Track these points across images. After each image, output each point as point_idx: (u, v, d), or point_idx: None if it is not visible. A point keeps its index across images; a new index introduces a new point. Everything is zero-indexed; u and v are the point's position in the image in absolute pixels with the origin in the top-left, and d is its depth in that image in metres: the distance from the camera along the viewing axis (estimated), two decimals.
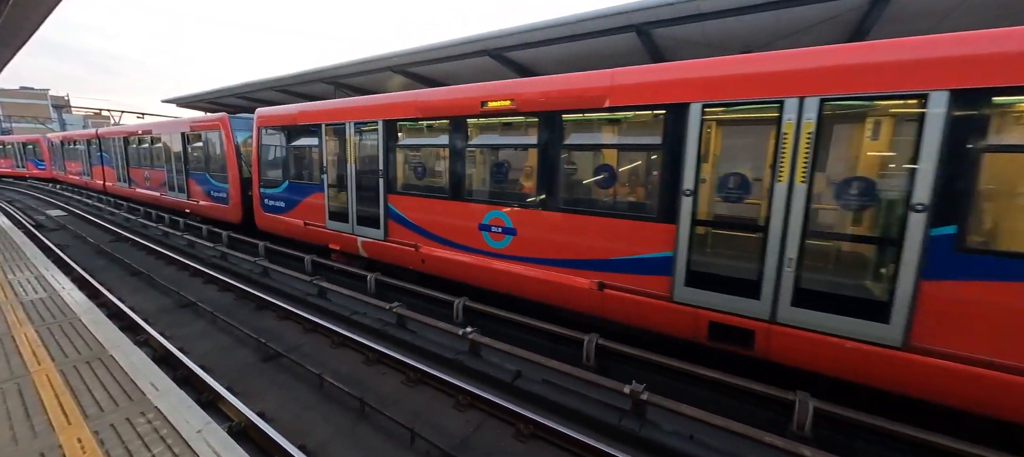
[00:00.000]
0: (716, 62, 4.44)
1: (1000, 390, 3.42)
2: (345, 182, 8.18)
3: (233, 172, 11.16)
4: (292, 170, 9.51)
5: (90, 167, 21.23)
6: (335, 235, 8.55)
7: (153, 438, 2.97)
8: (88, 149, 21.14)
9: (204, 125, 12.06)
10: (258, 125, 9.88)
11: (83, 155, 21.88)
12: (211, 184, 12.08)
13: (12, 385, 3.60)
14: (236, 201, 11.38)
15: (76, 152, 23.11)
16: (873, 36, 6.90)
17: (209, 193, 12.27)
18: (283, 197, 9.62)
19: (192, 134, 12.63)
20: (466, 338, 5.59)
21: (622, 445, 4.06)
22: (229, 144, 11.07)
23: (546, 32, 7.94)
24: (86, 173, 21.95)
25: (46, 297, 5.72)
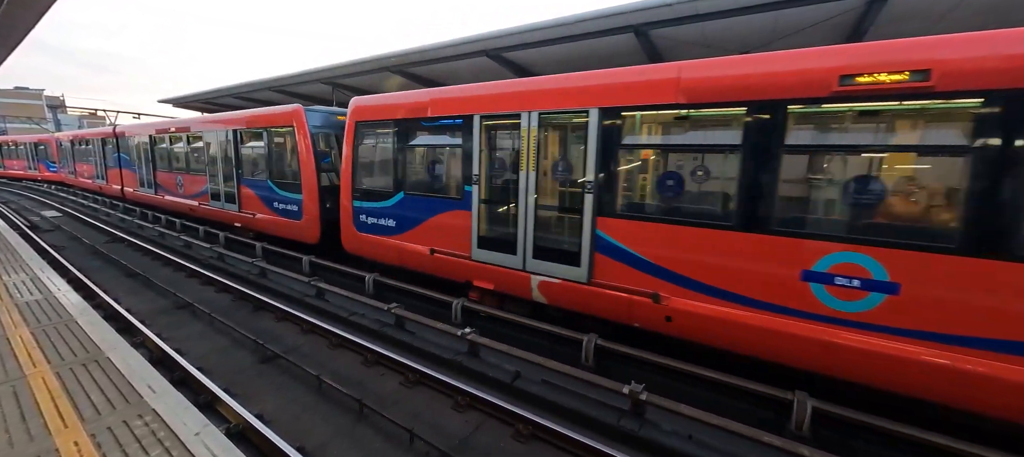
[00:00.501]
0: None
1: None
2: (514, 197, 5.99)
3: (309, 179, 8.91)
4: (410, 178, 7.37)
5: (105, 170, 18.79)
6: (489, 270, 6.27)
7: (150, 441, 2.95)
8: (103, 149, 18.62)
9: (268, 119, 9.81)
10: (355, 120, 7.74)
11: (97, 156, 19.38)
12: (275, 193, 9.83)
13: (8, 388, 3.57)
14: (313, 216, 9.07)
15: (88, 153, 20.54)
16: (870, 37, 6.93)
17: (271, 205, 10.03)
18: (393, 213, 7.39)
19: (248, 131, 10.42)
20: (465, 339, 5.58)
21: (621, 445, 4.07)
22: (305, 143, 8.89)
23: (544, 33, 7.95)
24: (100, 176, 19.49)
25: (42, 299, 5.68)
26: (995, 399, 3.49)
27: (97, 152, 19.22)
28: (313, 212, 9.07)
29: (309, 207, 9.12)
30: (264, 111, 9.94)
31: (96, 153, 19.32)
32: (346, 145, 7.89)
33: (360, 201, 7.93)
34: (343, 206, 8.16)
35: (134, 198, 16.91)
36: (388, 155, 7.49)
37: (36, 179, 29.04)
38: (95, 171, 19.82)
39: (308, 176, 8.96)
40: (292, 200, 9.42)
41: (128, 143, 16.28)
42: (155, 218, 14.82)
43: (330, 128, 9.49)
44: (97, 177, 19.80)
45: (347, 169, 7.94)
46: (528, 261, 5.93)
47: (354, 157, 7.87)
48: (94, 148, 19.44)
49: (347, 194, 8.03)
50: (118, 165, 17.38)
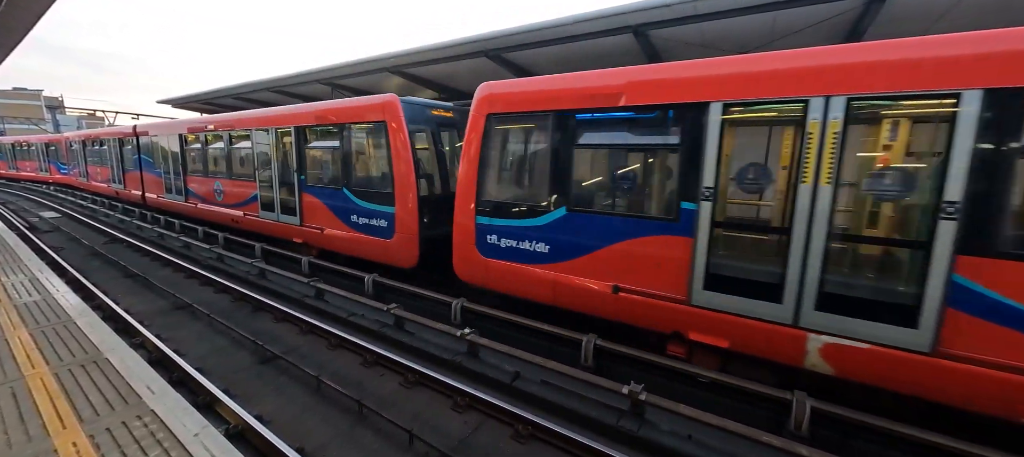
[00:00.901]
0: None
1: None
2: (781, 219, 4.74)
3: (406, 188, 7.21)
4: (580, 190, 5.66)
5: (122, 173, 16.92)
6: (723, 320, 4.57)
7: (149, 442, 2.95)
8: (120, 151, 16.66)
9: (349, 113, 8.04)
10: (486, 111, 6.04)
11: (113, 158, 17.41)
12: (353, 205, 8.13)
13: (6, 389, 3.57)
14: (409, 233, 7.36)
15: (103, 154, 18.48)
16: (869, 37, 6.94)
17: (347, 218, 8.32)
18: (547, 236, 5.67)
19: (317, 128, 8.73)
20: (464, 339, 5.58)
21: (620, 445, 4.07)
22: (401, 143, 7.16)
23: (544, 33, 7.94)
24: (116, 180, 17.59)
25: (40, 299, 5.68)
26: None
27: (113, 153, 17.29)
28: (410, 229, 7.33)
29: (405, 223, 7.37)
30: (344, 104, 8.16)
31: (112, 154, 17.42)
32: (469, 145, 6.16)
33: (489, 218, 6.16)
34: (459, 224, 6.43)
35: (158, 206, 14.93)
36: (542, 158, 5.76)
37: (47, 182, 27.37)
38: (111, 174, 17.98)
39: (405, 184, 7.22)
40: (379, 213, 7.70)
41: (151, 143, 14.43)
42: (153, 219, 14.79)
43: (424, 123, 7.85)
44: (113, 181, 17.96)
45: (470, 176, 6.16)
46: (804, 313, 4.13)
47: (482, 160, 6.09)
48: (110, 149, 17.59)
49: (467, 208, 6.25)
50: (138, 168, 15.51)
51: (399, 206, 7.37)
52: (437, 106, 8.20)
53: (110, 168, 17.89)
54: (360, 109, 7.85)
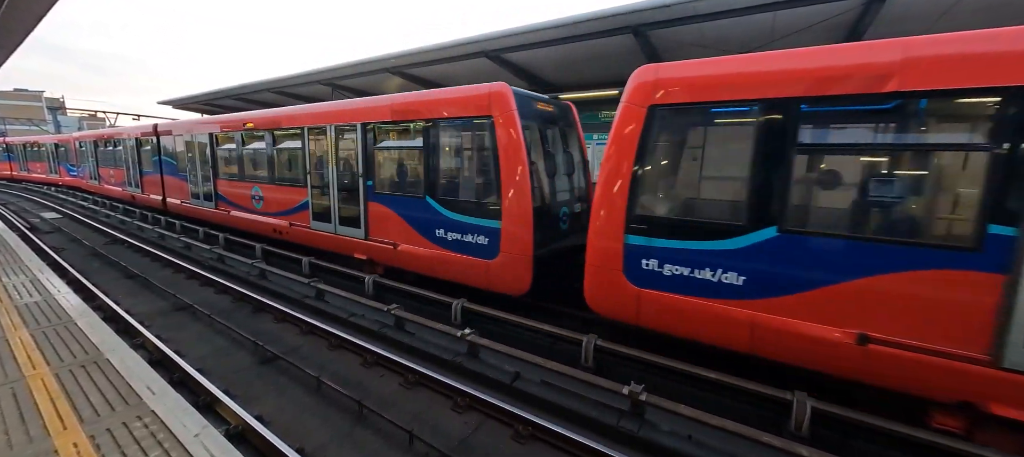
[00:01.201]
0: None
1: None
2: None
3: (519, 197, 5.90)
4: (800, 203, 4.44)
5: (140, 176, 15.67)
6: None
7: (150, 443, 2.95)
8: (137, 151, 15.44)
9: (437, 107, 6.74)
10: (648, 102, 4.79)
11: (129, 159, 16.11)
12: (440, 217, 6.83)
13: (7, 389, 3.57)
14: (521, 252, 6.01)
15: (117, 155, 17.13)
16: (868, 37, 6.94)
17: (431, 232, 7.00)
18: (743, 264, 4.41)
19: (393, 126, 7.42)
20: (464, 339, 5.58)
21: (621, 446, 4.07)
22: (513, 143, 5.91)
23: (543, 34, 7.95)
24: (132, 183, 16.27)
25: (41, 300, 5.68)
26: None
27: (129, 155, 16.01)
28: (522, 247, 5.97)
29: (515, 240, 6.01)
30: (432, 96, 6.87)
31: (128, 156, 16.09)
32: (619, 145, 4.87)
33: (647, 237, 4.90)
34: (599, 244, 5.17)
35: (182, 212, 13.71)
36: (738, 162, 4.45)
37: (56, 184, 26.50)
38: (126, 177, 16.71)
39: (518, 193, 5.89)
40: (478, 228, 6.37)
41: (175, 143, 13.14)
42: (155, 219, 14.81)
43: (531, 119, 6.54)
44: (128, 184, 16.64)
45: (618, 184, 4.90)
46: None
47: (639, 164, 4.83)
48: (125, 150, 16.27)
49: (612, 225, 4.99)
50: (159, 170, 14.23)
51: (507, 220, 6.04)
52: (539, 98, 6.99)
53: (125, 170, 16.68)
54: (457, 101, 6.52)
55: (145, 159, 15.14)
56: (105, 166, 18.81)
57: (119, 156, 17.03)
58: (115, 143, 17.15)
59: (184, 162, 12.90)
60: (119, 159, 17.10)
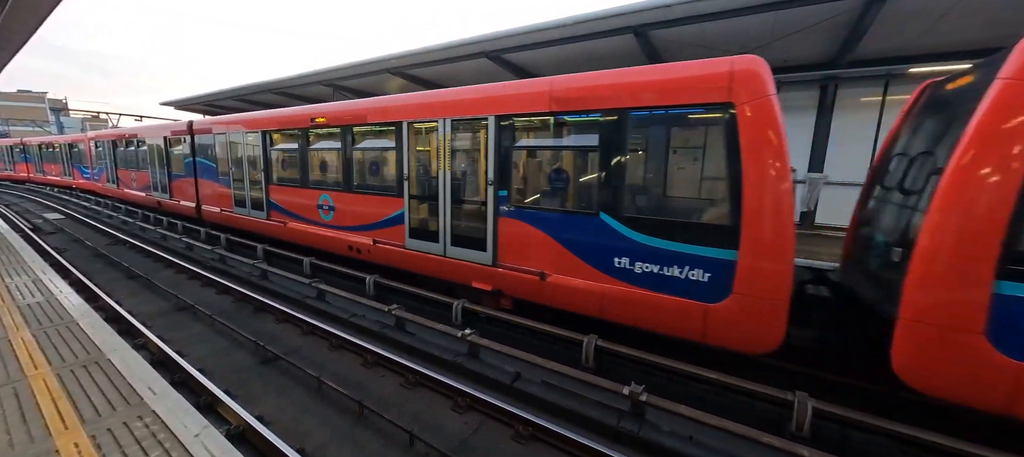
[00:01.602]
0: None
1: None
2: None
3: (775, 218, 4.26)
4: None
5: (168, 180, 13.90)
6: None
7: (150, 443, 2.96)
8: (166, 152, 13.70)
9: (637, 92, 5.01)
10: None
11: (155, 161, 14.37)
12: (628, 242, 5.17)
13: (9, 389, 3.59)
14: (769, 293, 4.34)
15: (140, 157, 15.35)
16: (870, 35, 6.92)
17: (608, 261, 5.35)
18: None
19: (552, 118, 5.70)
20: (465, 340, 5.58)
21: (621, 446, 4.06)
22: (768, 139, 4.25)
23: (544, 34, 7.95)
24: (158, 188, 14.57)
25: (43, 301, 5.71)
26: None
27: (156, 156, 14.28)
28: (772, 287, 4.31)
29: (762, 275, 4.36)
30: (636, 76, 5.00)
31: (154, 157, 14.38)
32: (992, 139, 3.37)
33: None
34: (935, 292, 3.54)
35: (222, 221, 12.06)
36: None
37: (70, 186, 24.60)
38: (152, 181, 14.94)
39: (769, 210, 4.25)
40: (694, 258, 4.74)
41: (214, 143, 11.43)
42: (157, 220, 14.84)
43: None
44: (154, 189, 14.83)
45: (988, 198, 3.35)
46: None
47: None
48: (150, 151, 14.56)
49: (973, 262, 3.40)
50: (192, 174, 12.51)
51: (750, 247, 4.35)
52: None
53: (149, 173, 14.92)
54: (674, 84, 4.74)
55: (175, 161, 13.30)
56: (125, 168, 16.93)
57: (142, 157, 15.18)
58: (137, 143, 15.31)
59: (226, 165, 11.08)
60: (142, 161, 15.30)
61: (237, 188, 11.04)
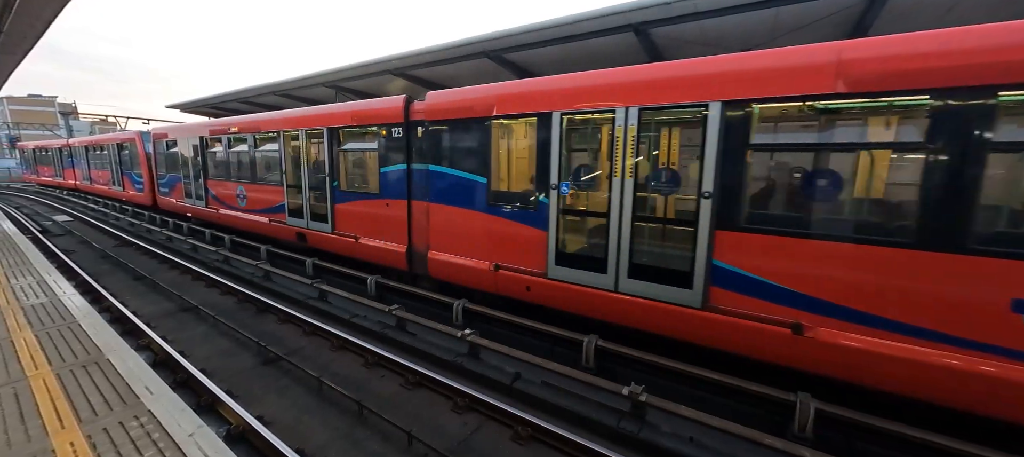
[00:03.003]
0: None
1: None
2: None
3: None
4: None
5: (328, 201, 8.81)
6: None
7: (145, 442, 2.96)
8: (334, 150, 8.59)
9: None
10: None
11: (304, 171, 9.34)
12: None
13: (9, 389, 3.61)
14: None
15: (251, 162, 10.85)
16: (874, 32, 6.82)
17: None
18: None
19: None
20: (465, 340, 5.57)
21: (621, 447, 4.02)
22: None
23: (544, 33, 7.91)
24: (313, 215, 9.33)
25: (47, 302, 5.75)
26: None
27: (307, 156, 9.31)
28: None
29: None
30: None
31: (302, 159, 9.35)
32: None
33: None
34: None
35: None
36: None
37: (120, 199, 19.20)
38: (286, 199, 9.94)
39: None
40: None
41: (499, 134, 6.30)
42: (162, 222, 14.94)
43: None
44: (304, 216, 9.47)
45: None
46: None
47: None
48: (291, 151, 9.64)
49: None
50: (420, 194, 7.28)
51: None
52: None
53: (297, 188, 9.56)
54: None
55: (365, 167, 8.56)
56: (219, 179, 12.12)
57: (269, 163, 10.44)
58: (253, 140, 10.58)
59: (520, 170, 6.30)
60: (269, 168, 10.49)
61: (591, 240, 6.23)
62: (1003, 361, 3.37)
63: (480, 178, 6.32)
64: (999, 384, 3.37)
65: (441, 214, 6.91)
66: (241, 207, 11.51)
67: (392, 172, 7.58)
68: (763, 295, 4.29)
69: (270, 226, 10.58)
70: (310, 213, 9.41)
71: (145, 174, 16.36)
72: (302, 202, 9.50)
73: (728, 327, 4.49)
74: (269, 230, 10.71)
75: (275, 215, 10.38)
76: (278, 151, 9.97)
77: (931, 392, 3.70)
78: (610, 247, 5.19)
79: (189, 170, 13.54)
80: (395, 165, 7.53)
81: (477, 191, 6.36)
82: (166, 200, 15.38)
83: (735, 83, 4.30)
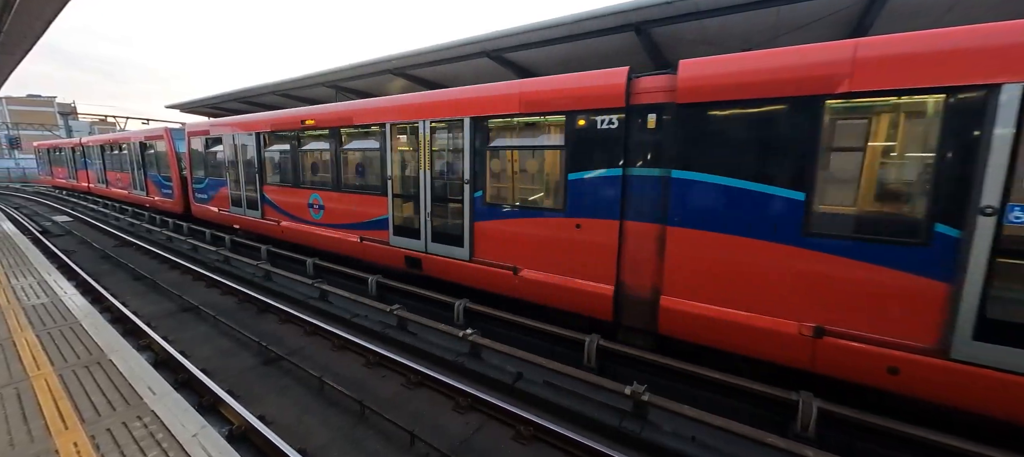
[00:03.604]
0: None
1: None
2: None
3: None
4: None
5: (391, 202, 7.60)
6: None
7: (148, 442, 2.96)
8: (388, 150, 7.51)
9: None
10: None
11: (338, 170, 8.55)
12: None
13: (11, 390, 3.61)
14: None
15: (339, 160, 8.54)
16: (874, 32, 6.82)
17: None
18: None
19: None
20: (466, 340, 5.57)
21: (623, 447, 4.03)
22: None
23: (544, 33, 7.91)
24: (376, 223, 7.89)
25: (48, 302, 5.75)
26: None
27: (366, 163, 8.25)
28: None
29: None
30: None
31: (346, 164, 8.55)
32: None
33: None
34: None
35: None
36: None
37: (142, 205, 17.23)
38: (348, 206, 8.45)
39: None
40: None
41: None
42: (163, 222, 14.91)
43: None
44: (378, 229, 7.89)
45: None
46: None
47: None
48: (338, 149, 8.46)
49: None
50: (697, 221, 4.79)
51: None
52: None
53: (389, 198, 7.62)
54: None
55: (534, 171, 6.54)
56: (292, 184, 9.58)
57: (365, 165, 8.31)
58: (338, 135, 8.39)
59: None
60: (364, 171, 8.33)
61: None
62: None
63: (790, 193, 4.12)
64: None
65: (694, 244, 4.65)
66: (316, 220, 9.13)
67: (591, 180, 5.37)
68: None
69: (362, 246, 8.16)
70: (430, 232, 7.08)
71: (175, 177, 14.26)
72: (418, 216, 7.21)
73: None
74: (358, 250, 8.32)
75: (370, 232, 7.98)
76: (380, 148, 7.63)
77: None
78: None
79: (238, 173, 11.12)
80: (598, 170, 5.31)
81: (779, 212, 4.18)
82: (204, 208, 12.96)
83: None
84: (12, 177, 41.60)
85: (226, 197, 11.69)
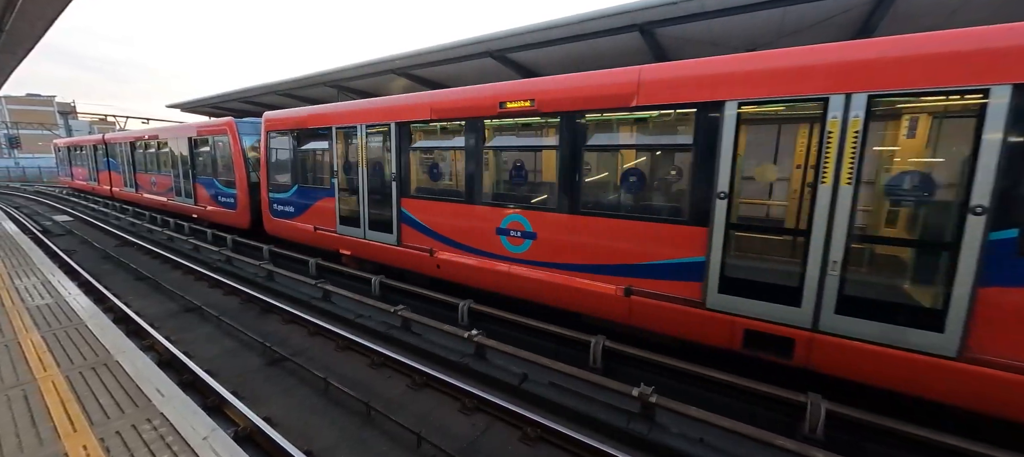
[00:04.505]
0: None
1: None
2: None
3: None
4: None
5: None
6: None
7: (159, 445, 2.95)
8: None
9: None
10: None
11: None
12: None
13: (18, 392, 3.59)
14: None
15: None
16: (880, 33, 6.82)
17: None
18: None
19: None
20: (471, 341, 5.56)
21: (630, 448, 4.02)
22: None
23: (548, 33, 7.91)
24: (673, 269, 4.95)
25: (52, 303, 5.73)
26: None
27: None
28: None
29: None
30: None
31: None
32: None
33: None
34: None
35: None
36: None
37: (186, 215, 14.24)
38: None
39: None
40: None
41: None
42: (164, 222, 14.88)
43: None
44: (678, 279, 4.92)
45: None
46: None
47: None
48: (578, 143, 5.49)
49: None
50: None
51: None
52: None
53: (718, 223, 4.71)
54: None
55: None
56: (464, 199, 6.65)
57: (661, 166, 6.35)
58: (583, 127, 5.42)
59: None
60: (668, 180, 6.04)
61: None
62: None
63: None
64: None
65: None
66: (513, 254, 6.20)
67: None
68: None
69: (626, 303, 5.25)
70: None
71: (240, 181, 11.18)
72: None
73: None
74: (622, 311, 5.35)
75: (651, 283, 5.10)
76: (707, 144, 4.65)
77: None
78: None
79: (358, 181, 8.04)
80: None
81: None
82: (288, 224, 9.85)
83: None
84: (12, 177, 41.46)
85: (330, 212, 8.74)
